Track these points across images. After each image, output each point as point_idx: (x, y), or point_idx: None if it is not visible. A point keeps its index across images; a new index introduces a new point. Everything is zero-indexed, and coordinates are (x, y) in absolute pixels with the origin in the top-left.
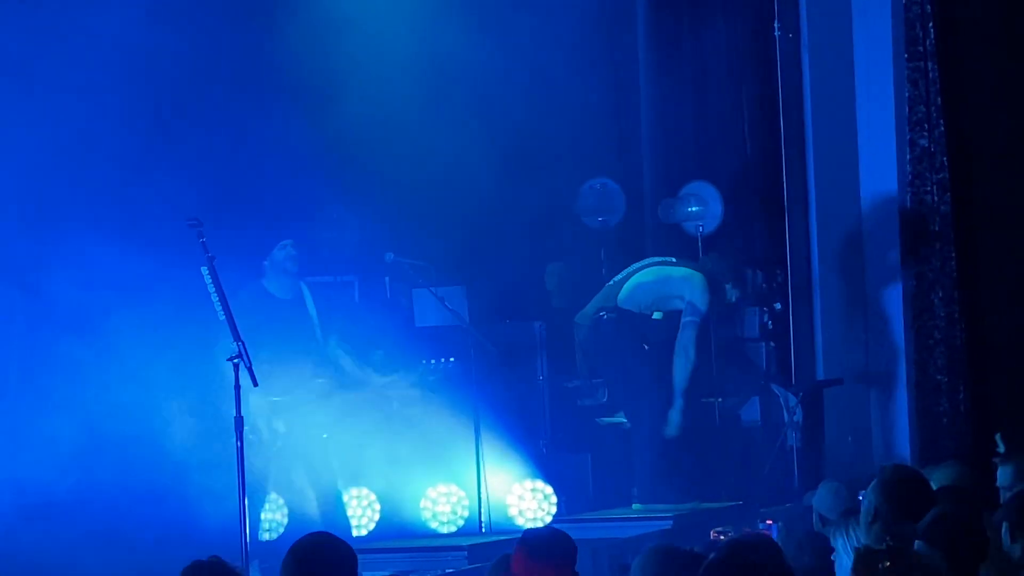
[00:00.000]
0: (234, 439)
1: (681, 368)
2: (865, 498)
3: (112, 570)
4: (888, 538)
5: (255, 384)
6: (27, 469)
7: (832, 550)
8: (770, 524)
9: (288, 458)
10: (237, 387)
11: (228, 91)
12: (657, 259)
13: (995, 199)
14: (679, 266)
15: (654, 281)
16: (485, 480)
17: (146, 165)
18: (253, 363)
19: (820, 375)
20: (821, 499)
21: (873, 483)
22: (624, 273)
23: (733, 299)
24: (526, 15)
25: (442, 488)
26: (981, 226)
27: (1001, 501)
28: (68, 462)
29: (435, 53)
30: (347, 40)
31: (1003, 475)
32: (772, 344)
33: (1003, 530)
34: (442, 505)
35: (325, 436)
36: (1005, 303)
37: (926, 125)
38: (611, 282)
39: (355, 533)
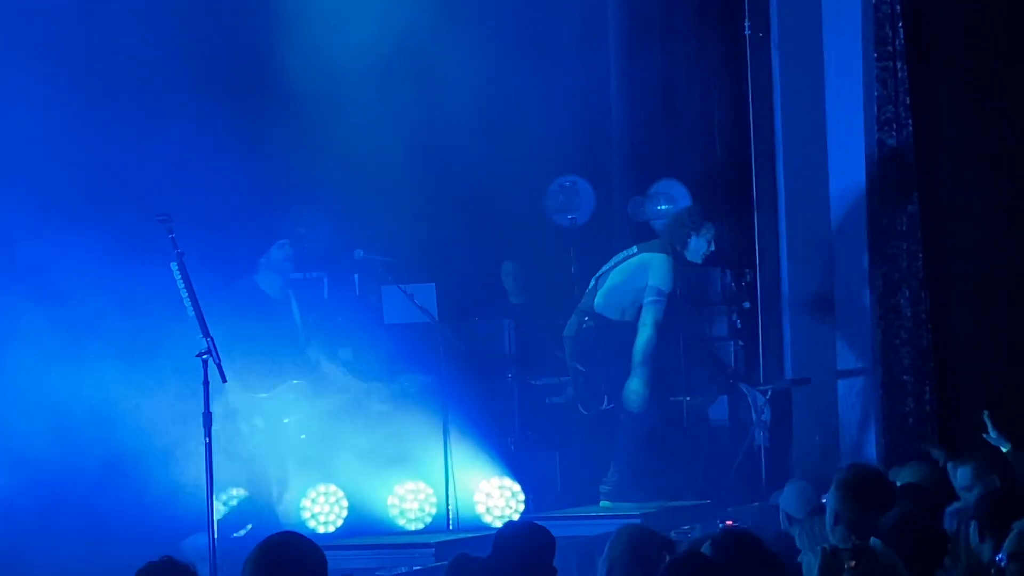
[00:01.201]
0: (202, 435)
1: (641, 341)
2: (827, 501)
3: (82, 566)
4: (853, 537)
5: (224, 380)
6: None
7: (799, 551)
8: (730, 524)
9: (263, 455)
10: (206, 383)
11: (197, 86)
12: (621, 255)
13: (962, 199)
14: (638, 254)
15: (623, 281)
16: (453, 477)
17: (113, 160)
18: (239, 354)
19: (788, 374)
20: (788, 498)
21: (832, 486)
22: (594, 279)
23: (705, 247)
24: (496, 11)
25: (410, 485)
26: (948, 226)
27: (960, 501)
28: (39, 454)
29: (406, 51)
30: (315, 36)
31: (963, 476)
32: (740, 343)
33: (971, 529)
34: (410, 502)
35: (303, 437)
36: (971, 304)
37: (894, 125)
38: (587, 290)
39: (322, 530)
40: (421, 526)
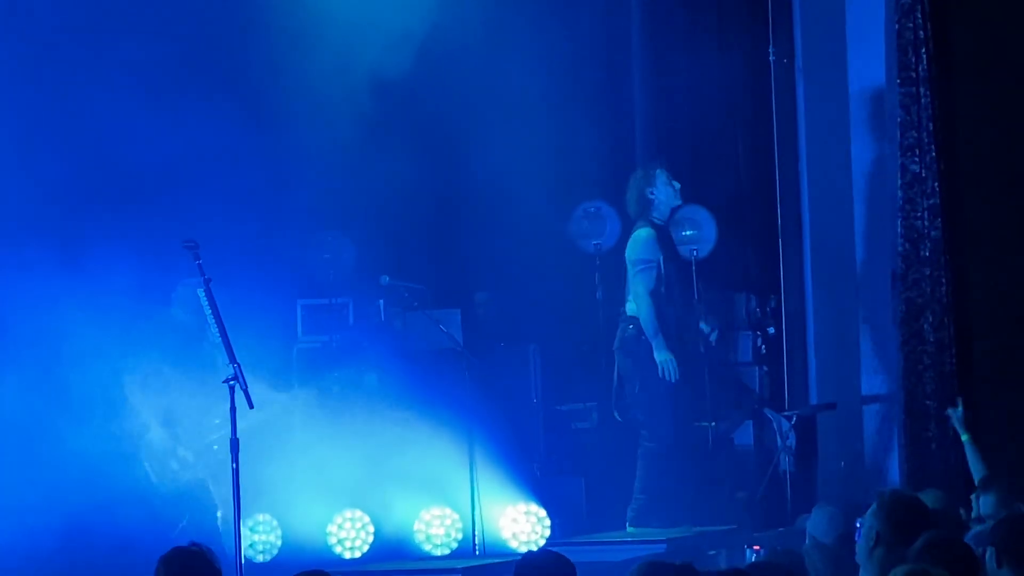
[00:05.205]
0: (230, 460)
1: (642, 315)
2: (864, 523)
3: None
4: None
5: (251, 406)
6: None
7: None
8: (757, 550)
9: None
10: (233, 409)
11: (223, 109)
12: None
13: (985, 225)
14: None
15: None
16: (479, 502)
17: (147, 184)
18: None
19: (813, 400)
20: (816, 523)
21: (873, 508)
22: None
23: (672, 190)
24: (520, 39)
25: (436, 510)
26: (971, 252)
27: (981, 526)
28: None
29: (430, 77)
30: (342, 60)
31: (986, 504)
32: (765, 369)
33: (988, 555)
34: (436, 527)
35: (216, 448)
36: (994, 329)
37: (917, 151)
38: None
39: (348, 556)
40: (447, 551)
